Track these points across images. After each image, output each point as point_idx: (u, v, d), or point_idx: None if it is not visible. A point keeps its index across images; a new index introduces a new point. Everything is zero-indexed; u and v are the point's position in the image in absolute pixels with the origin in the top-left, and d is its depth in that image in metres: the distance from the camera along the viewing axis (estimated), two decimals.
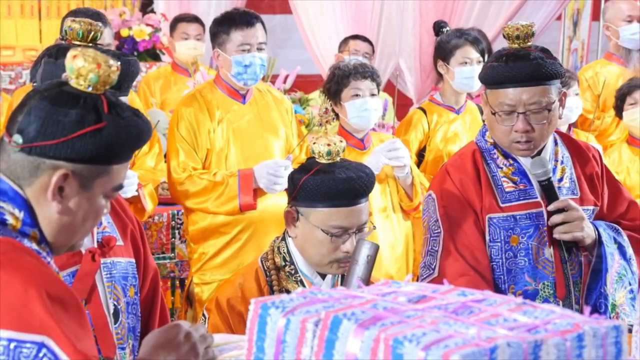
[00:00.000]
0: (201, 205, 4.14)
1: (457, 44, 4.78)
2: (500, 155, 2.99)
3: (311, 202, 2.78)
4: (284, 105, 4.38)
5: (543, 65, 2.87)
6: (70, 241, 1.86)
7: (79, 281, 2.36)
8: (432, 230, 2.99)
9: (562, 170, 3.02)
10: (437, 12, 6.50)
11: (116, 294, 2.45)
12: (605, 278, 2.92)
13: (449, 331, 1.38)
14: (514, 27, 2.93)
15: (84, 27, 2.40)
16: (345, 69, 4.24)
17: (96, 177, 1.80)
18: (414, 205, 4.33)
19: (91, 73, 1.79)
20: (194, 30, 6.07)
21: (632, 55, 5.94)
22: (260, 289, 2.83)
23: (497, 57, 2.97)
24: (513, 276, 2.92)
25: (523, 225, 2.93)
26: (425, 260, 3.00)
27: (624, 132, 5.39)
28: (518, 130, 2.89)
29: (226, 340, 2.13)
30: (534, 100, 2.87)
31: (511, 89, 2.87)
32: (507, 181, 2.97)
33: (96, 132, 1.76)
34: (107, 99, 1.81)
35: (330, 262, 2.79)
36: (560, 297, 2.91)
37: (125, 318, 2.48)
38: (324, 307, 1.49)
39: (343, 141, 2.83)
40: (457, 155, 3.15)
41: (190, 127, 4.15)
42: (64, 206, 1.79)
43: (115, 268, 2.48)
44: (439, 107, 4.89)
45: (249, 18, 4.17)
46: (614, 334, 1.46)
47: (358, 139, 4.33)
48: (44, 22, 7.18)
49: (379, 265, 4.28)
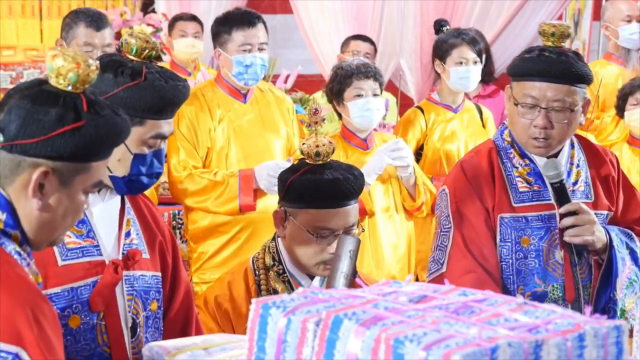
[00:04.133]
0: (201, 205, 4.14)
1: (454, 43, 4.79)
2: (517, 155, 2.98)
3: (298, 202, 2.78)
4: (285, 105, 4.38)
5: (574, 65, 2.86)
6: (50, 237, 1.88)
7: (98, 293, 2.32)
8: (443, 225, 2.99)
9: (577, 173, 3.01)
10: (438, 12, 6.50)
11: (136, 308, 2.40)
12: (615, 283, 2.91)
13: (450, 331, 1.38)
14: (550, 25, 2.93)
15: (139, 43, 2.37)
16: (348, 69, 4.24)
17: (76, 174, 1.82)
18: (416, 205, 4.34)
19: (71, 72, 1.81)
20: (192, 28, 6.07)
21: (631, 55, 5.94)
22: (248, 288, 2.83)
23: (529, 51, 2.96)
24: (523, 277, 2.92)
25: (534, 226, 2.93)
26: (435, 255, 3.00)
27: (623, 132, 5.39)
28: (537, 126, 2.88)
29: (226, 340, 2.13)
30: (558, 97, 2.86)
31: (538, 82, 2.87)
32: (522, 181, 2.96)
33: (75, 131, 1.79)
34: (86, 98, 1.82)
35: (317, 263, 2.78)
36: (569, 300, 2.90)
37: (143, 332, 2.42)
38: (325, 307, 1.49)
39: (333, 142, 2.82)
40: (473, 151, 3.14)
41: (191, 125, 4.16)
42: (44, 203, 1.81)
43: (137, 282, 2.42)
44: (436, 106, 4.90)
45: (251, 18, 4.17)
46: (614, 334, 1.46)
47: (361, 139, 4.33)
48: (45, 22, 7.17)
49: (382, 265, 4.29)
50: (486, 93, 5.83)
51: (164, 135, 2.39)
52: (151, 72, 2.34)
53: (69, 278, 2.31)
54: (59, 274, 2.29)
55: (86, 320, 2.31)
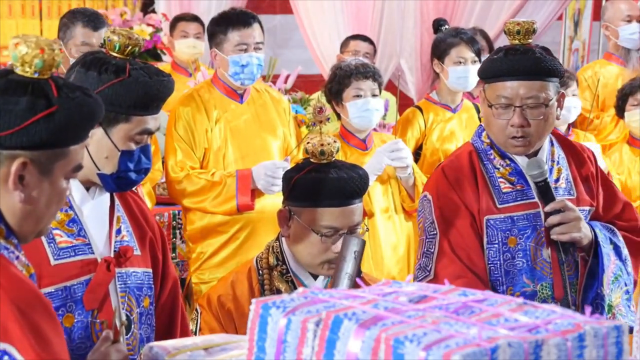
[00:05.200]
0: (199, 205, 4.14)
1: (452, 43, 4.79)
2: (497, 156, 2.98)
3: (303, 201, 2.78)
4: (281, 105, 4.38)
5: (542, 60, 2.87)
6: (37, 228, 1.85)
7: (92, 291, 2.33)
8: (427, 231, 2.97)
9: (558, 170, 3.01)
10: (438, 12, 6.50)
11: (129, 305, 2.42)
12: (601, 279, 2.91)
13: (450, 331, 1.38)
14: (514, 23, 2.95)
15: (122, 40, 2.37)
16: (347, 69, 4.24)
17: (55, 161, 1.80)
18: (415, 205, 4.33)
19: (36, 59, 1.78)
20: (194, 29, 6.07)
21: (631, 55, 5.94)
22: (252, 288, 2.83)
23: (497, 52, 2.98)
24: (511, 278, 2.91)
25: (520, 226, 2.93)
26: (421, 262, 2.98)
27: (622, 132, 5.39)
28: (514, 125, 2.88)
29: (227, 340, 2.13)
30: (531, 94, 2.86)
31: (509, 82, 2.88)
32: (504, 182, 2.96)
33: (49, 117, 1.76)
34: (55, 83, 1.80)
35: (322, 262, 2.78)
36: (557, 298, 2.90)
37: (137, 329, 2.44)
38: (325, 307, 1.49)
39: (337, 142, 2.82)
40: (453, 155, 3.14)
41: (188, 126, 4.16)
42: (27, 194, 1.78)
43: (130, 278, 2.43)
44: (435, 105, 4.90)
45: (246, 18, 4.17)
46: (615, 334, 1.46)
47: (360, 139, 4.33)
48: (45, 22, 7.18)
49: (381, 266, 4.29)
50: None
51: (151, 130, 2.40)
52: (135, 68, 2.35)
53: (62, 277, 2.32)
54: (52, 273, 2.30)
55: (80, 318, 2.33)
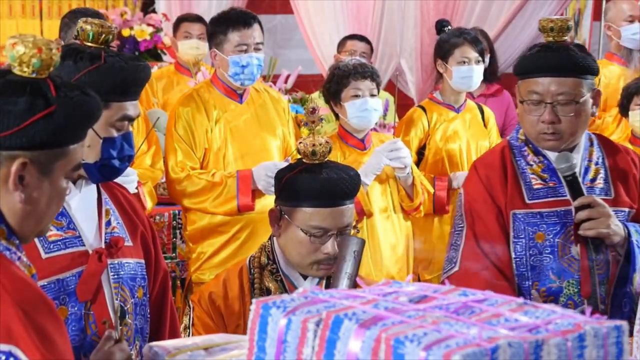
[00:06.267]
0: (199, 205, 4.15)
1: (456, 43, 4.80)
2: (531, 152, 3.00)
3: (293, 201, 2.78)
4: (281, 105, 4.39)
5: (574, 57, 2.88)
6: (37, 228, 1.85)
7: (84, 282, 2.35)
8: (456, 224, 3.03)
9: (595, 171, 3.00)
10: (438, 12, 6.50)
11: (123, 295, 2.43)
12: (632, 278, 2.90)
13: (450, 331, 1.38)
14: (548, 20, 2.95)
15: (95, 29, 2.39)
16: (345, 69, 4.24)
17: (55, 160, 1.80)
18: (414, 205, 4.34)
19: (33, 58, 1.77)
20: (197, 29, 6.06)
21: (633, 55, 5.94)
22: (242, 286, 2.84)
23: (531, 48, 2.99)
24: (537, 273, 2.92)
25: (550, 222, 2.93)
26: (449, 254, 3.02)
27: (624, 132, 5.39)
28: (545, 121, 2.90)
29: (226, 340, 2.13)
30: (562, 91, 2.88)
31: (540, 78, 2.89)
32: (536, 178, 2.97)
33: (48, 117, 1.76)
34: (53, 82, 1.79)
35: (311, 263, 2.77)
36: (584, 296, 2.89)
37: (132, 320, 2.45)
38: (325, 307, 1.49)
39: (330, 142, 2.81)
40: (487, 151, 3.21)
41: (188, 126, 4.16)
42: (27, 195, 1.78)
43: (123, 269, 2.45)
44: (438, 105, 4.89)
45: (246, 18, 4.16)
46: (615, 334, 1.46)
47: (358, 139, 4.33)
48: (45, 22, 7.18)
49: (380, 266, 4.29)
50: (490, 92, 5.83)
51: (131, 117, 2.41)
52: (110, 55, 2.37)
53: (54, 270, 2.33)
54: (43, 266, 2.30)
55: (74, 310, 2.34)
